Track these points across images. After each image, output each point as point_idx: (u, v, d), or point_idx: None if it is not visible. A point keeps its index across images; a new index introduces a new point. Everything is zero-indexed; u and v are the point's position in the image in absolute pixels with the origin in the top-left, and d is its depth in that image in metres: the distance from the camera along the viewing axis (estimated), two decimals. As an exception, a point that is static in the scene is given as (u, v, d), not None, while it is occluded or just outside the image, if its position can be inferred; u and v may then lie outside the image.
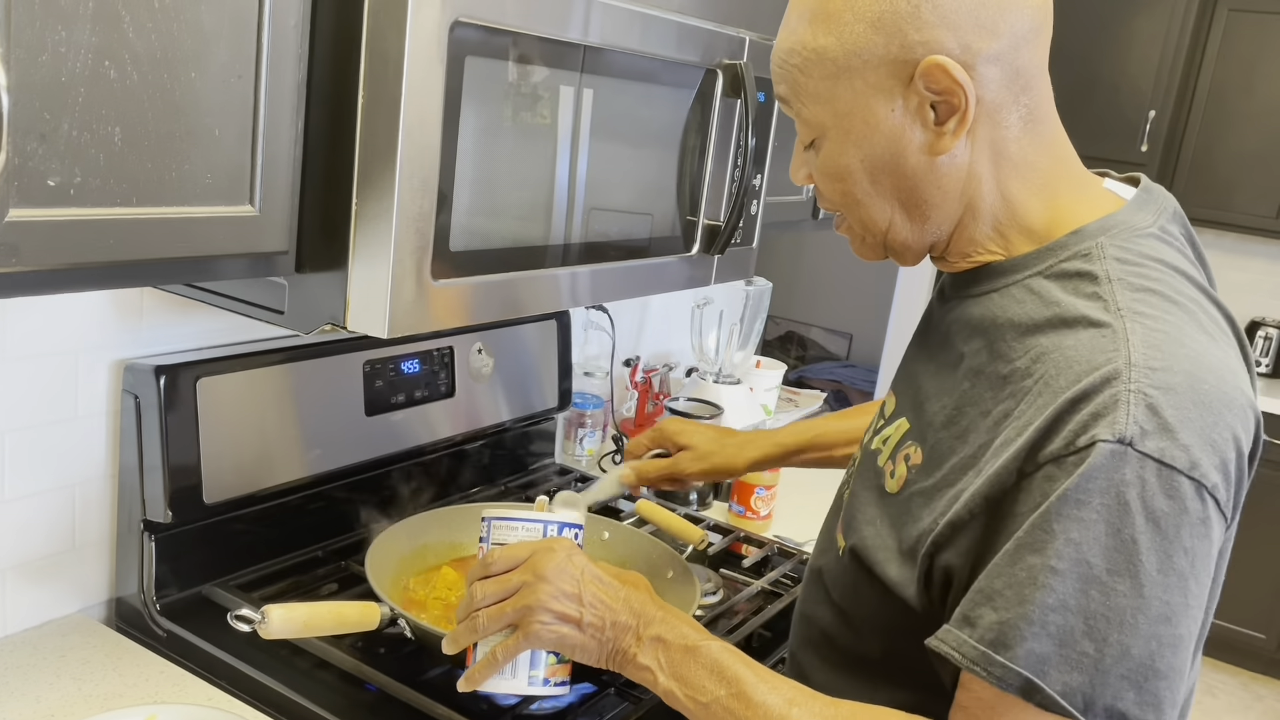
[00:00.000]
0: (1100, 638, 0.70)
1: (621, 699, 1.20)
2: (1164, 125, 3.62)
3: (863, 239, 0.91)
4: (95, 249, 0.77)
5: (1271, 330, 3.85)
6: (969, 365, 0.84)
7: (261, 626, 1.05)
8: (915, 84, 0.79)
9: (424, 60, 0.89)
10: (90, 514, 1.28)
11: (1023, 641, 0.71)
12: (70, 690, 1.14)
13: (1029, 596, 0.71)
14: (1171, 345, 0.74)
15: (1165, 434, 0.70)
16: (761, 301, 2.28)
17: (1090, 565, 0.70)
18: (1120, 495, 0.69)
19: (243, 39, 0.83)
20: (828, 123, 0.84)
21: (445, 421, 1.59)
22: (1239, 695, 3.57)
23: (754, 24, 1.31)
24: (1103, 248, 0.81)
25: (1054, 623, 0.70)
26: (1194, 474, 0.70)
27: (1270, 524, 3.53)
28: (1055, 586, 0.70)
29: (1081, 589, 0.70)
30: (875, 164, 0.84)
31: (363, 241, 0.92)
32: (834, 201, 0.89)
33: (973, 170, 0.83)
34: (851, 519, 0.93)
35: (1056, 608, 0.70)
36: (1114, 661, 0.69)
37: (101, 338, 1.24)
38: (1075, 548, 0.70)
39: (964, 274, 0.89)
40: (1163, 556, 0.69)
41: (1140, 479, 0.69)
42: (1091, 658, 0.70)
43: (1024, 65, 0.81)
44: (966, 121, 0.80)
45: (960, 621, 0.75)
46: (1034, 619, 0.70)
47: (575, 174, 1.13)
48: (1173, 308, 0.77)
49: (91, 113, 0.75)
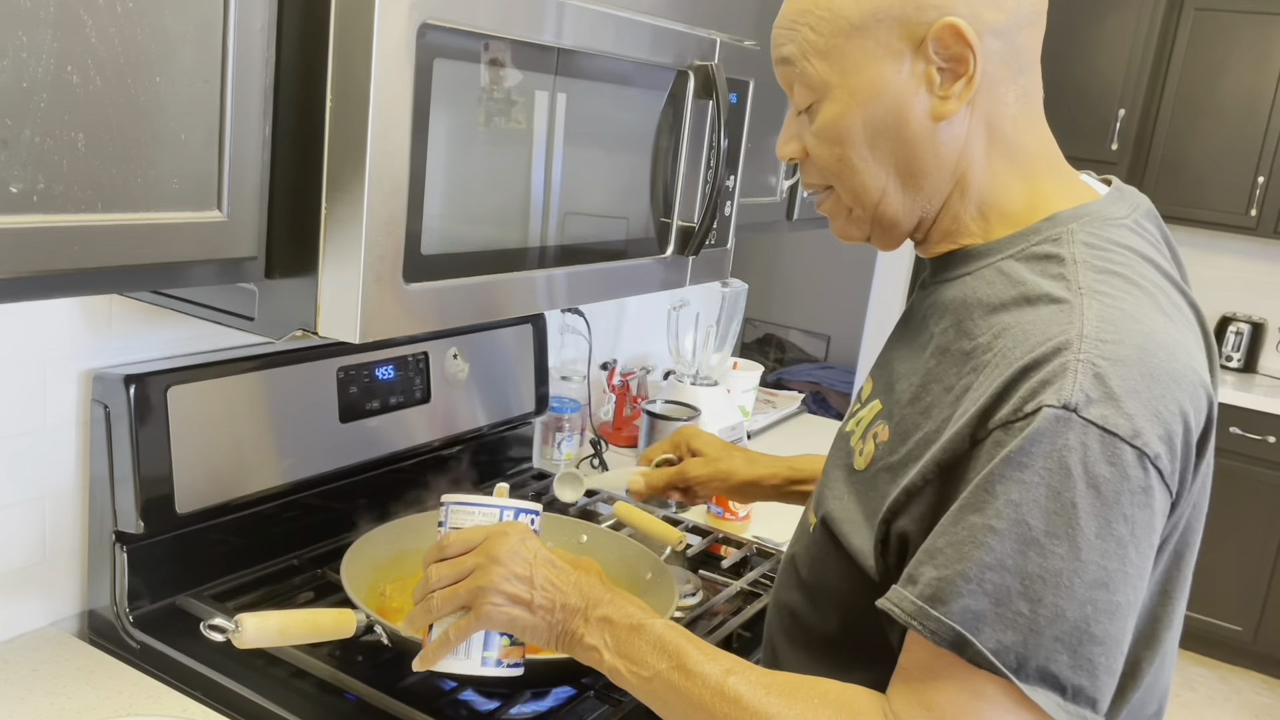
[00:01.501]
0: (1035, 598, 0.70)
1: (601, 702, 1.19)
2: (1134, 124, 3.66)
3: (849, 213, 0.91)
4: (60, 256, 0.76)
5: (1242, 325, 3.89)
6: (936, 344, 0.86)
7: (235, 635, 1.04)
8: (925, 46, 0.81)
9: (392, 63, 0.89)
10: (61, 526, 1.27)
11: (959, 598, 0.72)
12: (43, 704, 1.13)
13: (967, 554, 0.72)
14: (1126, 320, 0.75)
15: (1110, 402, 0.71)
16: (737, 303, 2.28)
17: (1029, 526, 0.70)
18: (1062, 459, 0.70)
19: (208, 43, 0.83)
20: (833, 82, 0.85)
21: (421, 427, 1.58)
22: (1217, 688, 3.60)
23: (724, 25, 1.31)
24: (1073, 233, 0.83)
25: (991, 581, 0.71)
26: (1136, 442, 0.71)
27: (1247, 517, 3.57)
28: (993, 545, 0.71)
29: (1019, 549, 0.71)
30: (877, 127, 0.85)
31: (333, 246, 0.92)
32: (828, 168, 0.89)
33: (968, 144, 0.85)
34: (821, 496, 0.95)
35: (994, 566, 0.71)
36: (1048, 623, 0.70)
37: (70, 347, 1.23)
38: (1015, 508, 0.71)
39: (941, 258, 0.91)
40: (1101, 522, 0.70)
41: (1083, 444, 0.70)
42: (1026, 618, 0.70)
43: (1023, 47, 0.84)
44: (972, 86, 0.82)
45: (905, 580, 0.77)
46: (971, 576, 0.71)
47: (550, 176, 1.12)
48: (1133, 289, 0.79)
49: (54, 118, 0.74)
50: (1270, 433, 3.51)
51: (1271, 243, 3.85)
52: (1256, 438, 3.52)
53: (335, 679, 1.16)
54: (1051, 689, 0.71)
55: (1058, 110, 4.05)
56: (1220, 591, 3.63)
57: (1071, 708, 0.71)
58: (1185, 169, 3.74)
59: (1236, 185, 3.66)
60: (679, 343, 2.18)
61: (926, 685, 0.75)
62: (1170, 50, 3.71)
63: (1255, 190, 3.62)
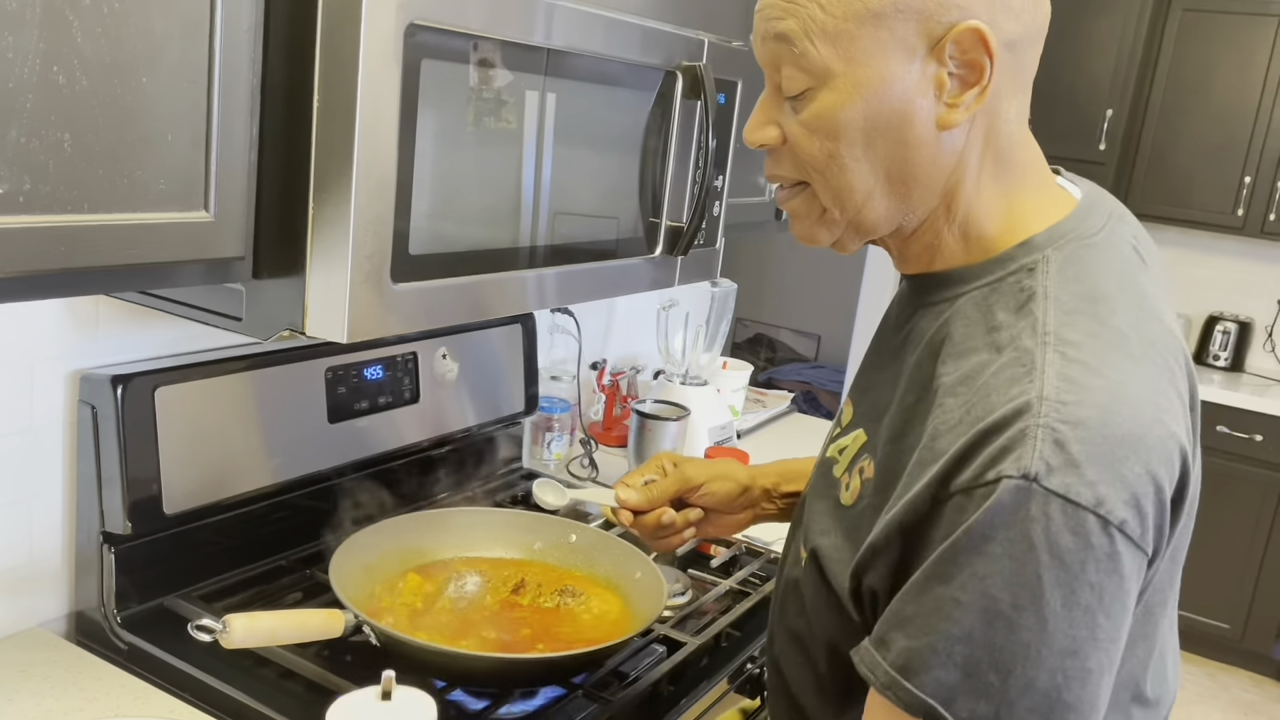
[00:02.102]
0: (1005, 670, 0.69)
1: (590, 701, 1.20)
2: (1121, 124, 3.67)
3: (823, 213, 0.85)
4: (46, 257, 0.76)
5: (1230, 324, 3.91)
6: (916, 378, 0.83)
7: (223, 636, 1.04)
8: (942, 47, 0.76)
9: (379, 64, 0.89)
10: (48, 527, 1.26)
11: (929, 669, 0.71)
12: (30, 706, 1.12)
13: (935, 626, 0.71)
14: (1089, 377, 0.72)
15: (1071, 470, 0.68)
16: (727, 303, 2.28)
17: (995, 599, 0.69)
18: (1025, 532, 0.68)
19: (195, 43, 0.83)
20: (836, 69, 0.78)
21: (410, 428, 1.58)
22: (1205, 685, 3.62)
23: (712, 26, 1.31)
24: (1048, 261, 0.79)
25: (959, 653, 0.70)
26: (1099, 510, 0.68)
27: (1234, 516, 3.58)
28: (960, 618, 0.70)
29: (986, 622, 0.69)
30: (878, 124, 0.79)
31: (320, 246, 0.92)
32: (811, 163, 0.82)
33: (964, 156, 0.81)
34: (809, 529, 0.92)
35: (962, 639, 0.70)
36: (1019, 693, 0.69)
37: (57, 348, 1.23)
38: (980, 581, 0.69)
39: (919, 280, 0.88)
40: (1067, 592, 0.69)
41: (1045, 515, 0.68)
42: (997, 689, 0.69)
43: (1027, 63, 0.81)
44: (984, 98, 0.78)
45: (876, 642, 0.75)
46: (939, 649, 0.71)
47: (539, 176, 1.12)
48: (1101, 332, 0.75)
49: (40, 119, 0.74)
50: (1257, 431, 3.53)
51: (1259, 242, 3.87)
52: (1243, 436, 3.54)
53: (324, 679, 1.16)
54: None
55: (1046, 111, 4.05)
56: (1207, 590, 3.65)
57: None
58: (1173, 169, 3.76)
59: (1224, 185, 3.68)
60: (668, 342, 2.18)
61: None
62: (1158, 50, 3.73)
63: (1242, 190, 3.64)
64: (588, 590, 1.38)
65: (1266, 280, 3.97)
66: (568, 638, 1.27)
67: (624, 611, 1.35)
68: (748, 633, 1.41)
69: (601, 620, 1.32)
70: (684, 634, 1.35)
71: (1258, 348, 3.99)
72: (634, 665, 1.30)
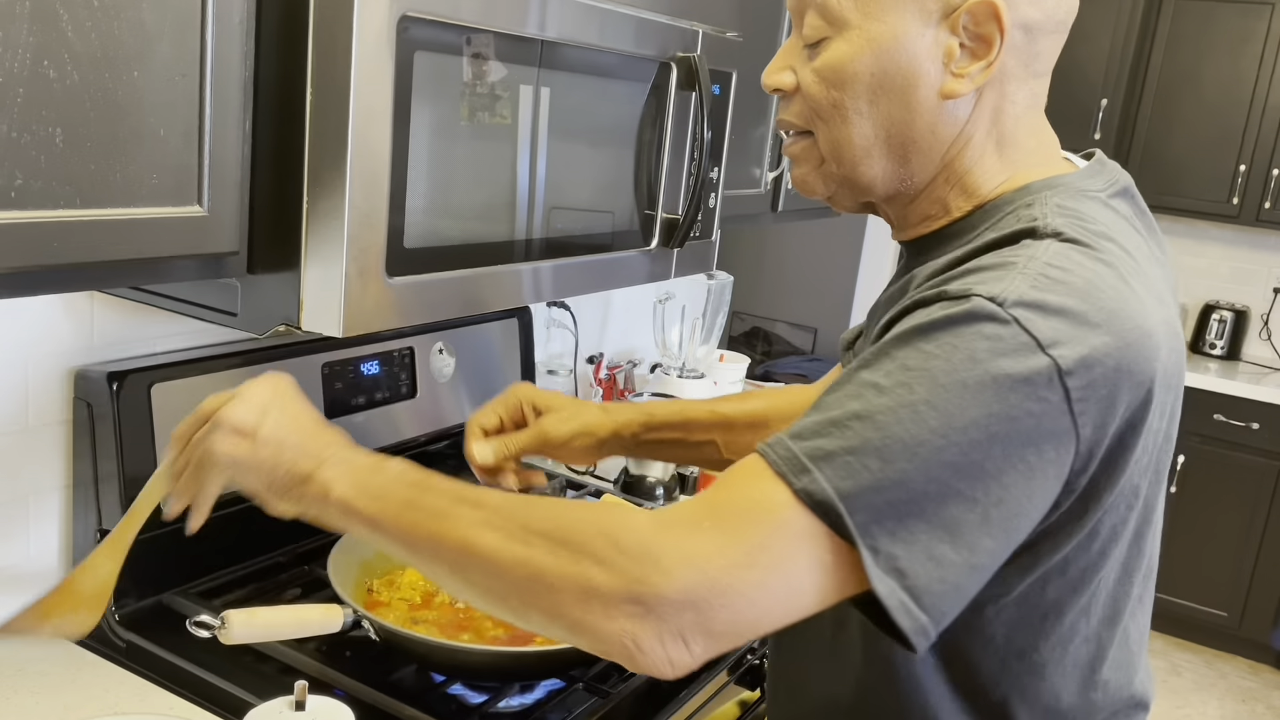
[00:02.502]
0: (888, 459, 0.67)
1: (590, 693, 1.20)
2: (1116, 113, 3.67)
3: (821, 162, 0.86)
4: (38, 252, 0.76)
5: (1226, 314, 3.91)
6: (898, 299, 0.83)
7: (221, 632, 1.04)
8: (956, 16, 0.78)
9: (372, 56, 0.88)
10: (45, 524, 1.26)
11: (815, 437, 0.69)
12: (28, 703, 1.12)
13: (842, 404, 0.70)
14: (1082, 269, 0.72)
15: (1039, 309, 0.68)
16: (723, 295, 2.28)
17: (912, 390, 0.68)
18: (970, 342, 0.68)
19: (186, 37, 0.82)
20: (853, 21, 0.80)
21: (407, 422, 1.58)
22: (1203, 673, 3.63)
23: (706, 17, 1.31)
24: (1046, 199, 0.80)
25: (854, 429, 0.68)
26: (1051, 350, 0.67)
27: (1231, 504, 3.59)
28: (870, 399, 0.69)
29: (892, 408, 0.68)
30: (884, 81, 0.80)
31: (315, 240, 0.91)
32: (819, 110, 0.83)
33: (965, 130, 0.82)
34: None
35: (862, 416, 0.68)
36: (889, 484, 0.67)
37: (52, 345, 1.22)
38: (905, 372, 0.69)
39: (918, 242, 0.88)
40: (986, 414, 0.67)
41: (997, 334, 0.67)
42: (872, 474, 0.67)
43: (1043, 51, 0.82)
44: (990, 72, 0.79)
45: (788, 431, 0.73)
46: (836, 421, 0.69)
47: (534, 169, 1.12)
48: (1103, 253, 0.75)
49: (31, 114, 0.74)
50: (1254, 419, 3.53)
51: (1253, 231, 3.87)
52: (1240, 424, 3.55)
53: (323, 674, 1.16)
54: (867, 550, 0.67)
55: (1040, 100, 3.93)
56: (1205, 578, 3.66)
57: (881, 573, 0.67)
58: (1168, 158, 3.76)
59: (1219, 173, 3.68)
60: (665, 335, 2.18)
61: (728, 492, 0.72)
62: (1152, 40, 3.73)
63: (1237, 178, 3.64)
64: (586, 583, 1.38)
65: (1262, 268, 3.98)
66: (567, 631, 1.27)
67: (623, 604, 1.34)
68: (747, 624, 1.41)
69: (600, 613, 1.32)
70: (683, 626, 1.34)
71: (1254, 336, 4.00)
72: (633, 658, 1.30)
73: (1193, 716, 3.35)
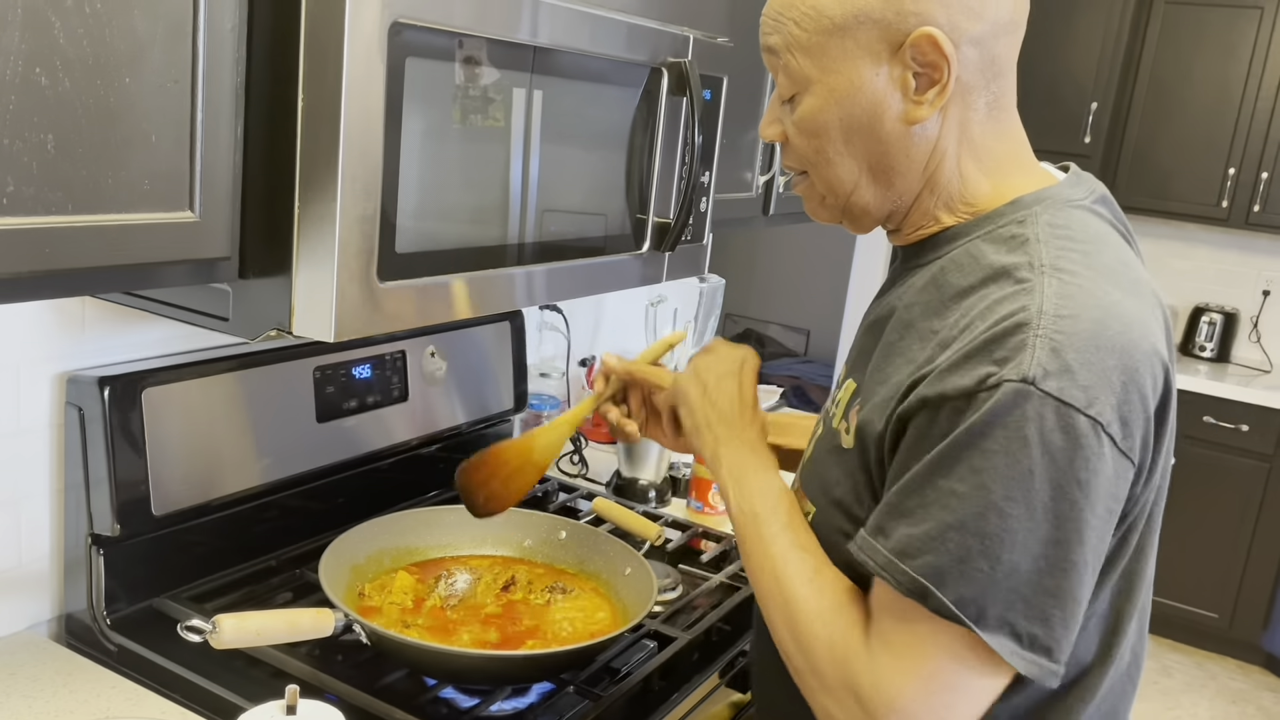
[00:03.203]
0: (994, 557, 0.75)
1: (581, 697, 1.20)
2: (1106, 117, 3.69)
3: (822, 199, 0.95)
4: (30, 258, 0.76)
5: (1215, 316, 3.93)
6: (902, 320, 0.90)
7: (213, 636, 1.04)
8: (903, 52, 0.84)
9: (363, 62, 0.88)
10: (36, 529, 1.26)
11: (923, 554, 0.77)
12: (20, 708, 1.12)
13: (933, 515, 0.77)
14: (1083, 296, 0.79)
15: (1066, 374, 0.75)
16: (715, 298, 2.29)
17: (989, 491, 0.75)
18: (1020, 430, 0.75)
19: (178, 44, 0.82)
20: (813, 77, 0.88)
21: (399, 426, 1.58)
22: (1193, 674, 3.64)
23: (697, 22, 1.31)
24: (1036, 215, 0.86)
25: (953, 540, 0.76)
26: (1090, 411, 0.75)
27: (1221, 505, 3.61)
28: (956, 508, 0.76)
29: (979, 513, 0.75)
30: (852, 124, 0.88)
31: (306, 245, 0.92)
32: (804, 158, 0.93)
33: (939, 145, 0.88)
34: (819, 479, 0.95)
35: (956, 526, 0.76)
36: (1004, 577, 0.75)
37: (43, 350, 1.22)
38: (976, 475, 0.76)
39: (913, 246, 0.95)
40: (1055, 487, 0.75)
41: (1039, 415, 0.74)
42: (985, 574, 0.76)
43: (998, 54, 0.87)
44: (945, 94, 0.85)
45: (874, 531, 0.82)
46: (935, 535, 0.77)
47: (526, 174, 1.12)
48: (1092, 265, 0.82)
49: (23, 120, 0.74)
50: (1243, 421, 3.55)
51: (1243, 233, 3.89)
52: (1230, 426, 3.56)
53: (315, 679, 1.16)
54: (1008, 637, 0.76)
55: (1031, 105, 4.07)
56: (1195, 579, 3.67)
57: (1028, 654, 0.77)
58: (1157, 161, 3.77)
59: (1208, 177, 3.70)
60: (657, 338, 2.18)
61: (891, 624, 0.81)
62: (1141, 44, 3.74)
63: (1226, 182, 3.66)
64: (578, 586, 1.39)
65: (1251, 271, 4.00)
66: (558, 634, 1.27)
67: (614, 607, 1.35)
68: (738, 627, 1.41)
69: (592, 616, 1.32)
70: (674, 629, 1.35)
71: (1243, 338, 4.01)
72: (625, 661, 1.30)
73: (1183, 718, 3.37)
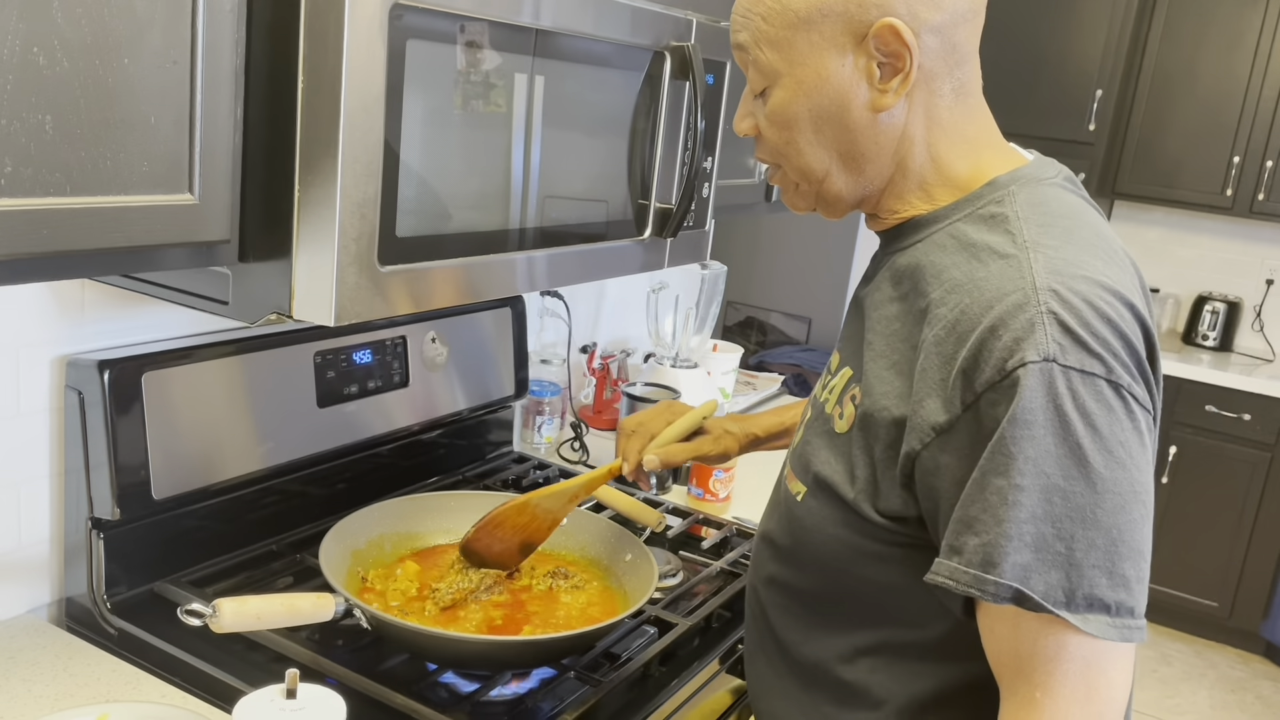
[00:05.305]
0: (1069, 536, 0.78)
1: (582, 682, 1.20)
2: (1111, 105, 3.67)
3: (797, 187, 0.98)
4: (28, 240, 0.76)
5: (1218, 304, 3.92)
6: (895, 307, 0.91)
7: (212, 620, 1.04)
8: (867, 43, 0.87)
9: (364, 44, 0.88)
10: (36, 513, 1.26)
11: (1006, 557, 0.78)
12: (20, 691, 1.12)
13: (1003, 516, 0.78)
14: (1071, 269, 0.81)
15: (1080, 347, 0.78)
16: (717, 285, 2.28)
17: (1048, 475, 0.77)
18: (1059, 408, 0.77)
19: (177, 24, 0.82)
20: (782, 70, 0.91)
21: (400, 411, 1.58)
22: (1192, 663, 3.65)
23: (700, 6, 1.30)
24: (1013, 194, 0.89)
25: (1029, 533, 0.78)
26: (1111, 377, 0.79)
27: (1222, 494, 3.61)
28: (1023, 502, 0.78)
29: (1045, 498, 0.77)
30: (821, 115, 0.91)
31: (306, 229, 0.91)
32: (777, 149, 0.95)
33: (907, 131, 0.91)
34: (808, 460, 0.97)
35: (1028, 520, 0.78)
36: (1083, 554, 0.78)
37: (42, 333, 1.22)
38: (1033, 463, 0.77)
39: (892, 230, 0.97)
40: (1105, 453, 0.78)
41: (1070, 390, 0.77)
42: (1064, 555, 0.78)
43: (960, 41, 0.89)
44: (909, 82, 0.88)
45: (949, 552, 0.82)
46: (1011, 534, 0.78)
47: (528, 158, 1.12)
48: (1073, 238, 0.85)
49: (21, 101, 0.73)
50: (1245, 410, 3.54)
51: (1247, 222, 3.88)
52: (1232, 415, 3.56)
53: (315, 663, 1.16)
54: (1099, 611, 0.78)
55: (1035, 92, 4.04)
56: (1195, 567, 3.68)
57: (1118, 621, 0.78)
58: (1162, 149, 3.76)
59: (1212, 165, 3.68)
60: (659, 325, 2.18)
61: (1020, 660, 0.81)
62: (1146, 31, 3.72)
63: (1231, 170, 3.64)
64: (579, 572, 1.38)
65: (1255, 260, 3.99)
66: (559, 620, 1.27)
67: (615, 593, 1.35)
68: (738, 614, 1.41)
69: (592, 602, 1.32)
70: (675, 615, 1.35)
71: (1246, 327, 4.01)
72: (625, 647, 1.30)
73: (1182, 706, 3.37)
